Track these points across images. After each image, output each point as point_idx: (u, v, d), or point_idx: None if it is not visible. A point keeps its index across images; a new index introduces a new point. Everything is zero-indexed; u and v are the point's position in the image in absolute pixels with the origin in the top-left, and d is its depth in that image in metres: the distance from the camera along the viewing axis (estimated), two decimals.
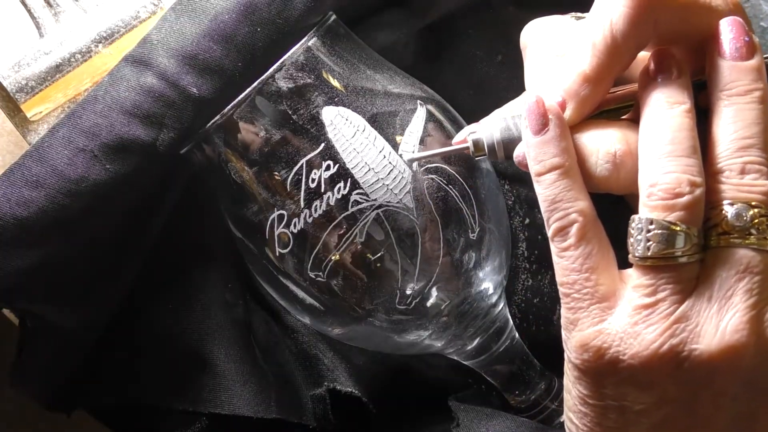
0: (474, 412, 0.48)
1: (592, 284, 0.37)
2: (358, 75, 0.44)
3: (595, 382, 0.37)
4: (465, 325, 0.45)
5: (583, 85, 0.38)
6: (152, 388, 0.48)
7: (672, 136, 0.36)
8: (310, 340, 0.51)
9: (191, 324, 0.49)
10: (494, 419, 0.47)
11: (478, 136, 0.40)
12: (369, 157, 0.41)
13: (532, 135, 0.38)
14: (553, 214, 0.37)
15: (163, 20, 0.44)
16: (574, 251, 0.37)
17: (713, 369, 0.35)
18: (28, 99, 0.51)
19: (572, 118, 0.39)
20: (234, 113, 0.41)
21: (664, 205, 0.35)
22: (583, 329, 0.37)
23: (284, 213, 0.42)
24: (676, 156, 0.35)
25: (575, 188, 0.37)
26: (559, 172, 0.38)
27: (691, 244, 0.35)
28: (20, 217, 0.42)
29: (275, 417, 0.48)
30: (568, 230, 0.37)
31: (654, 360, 0.35)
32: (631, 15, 0.36)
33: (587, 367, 0.37)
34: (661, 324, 0.35)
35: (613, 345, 0.36)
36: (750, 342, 0.34)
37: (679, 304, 0.35)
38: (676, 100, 0.37)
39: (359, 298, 0.43)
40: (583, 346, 0.36)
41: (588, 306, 0.37)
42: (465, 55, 0.53)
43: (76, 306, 0.46)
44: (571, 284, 0.37)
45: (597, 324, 0.36)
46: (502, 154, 0.40)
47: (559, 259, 0.37)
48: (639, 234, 0.35)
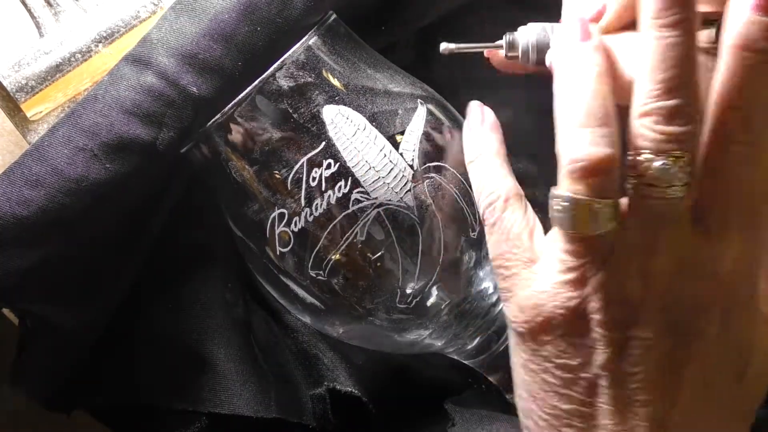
0: (470, 414, 0.48)
1: (519, 250, 0.39)
2: (359, 74, 0.44)
3: (534, 344, 0.39)
4: (465, 325, 0.45)
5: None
6: (152, 388, 0.48)
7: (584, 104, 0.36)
8: (310, 339, 0.51)
9: (191, 324, 0.49)
10: (490, 421, 0.47)
11: (514, 36, 0.42)
12: (370, 156, 0.41)
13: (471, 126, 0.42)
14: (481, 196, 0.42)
15: (163, 19, 0.44)
16: (500, 224, 0.40)
17: (637, 310, 0.37)
18: (28, 99, 0.51)
19: (611, 22, 0.40)
20: (234, 112, 0.42)
21: (579, 181, 0.36)
22: (518, 294, 0.39)
23: (285, 212, 0.42)
24: (589, 126, 0.36)
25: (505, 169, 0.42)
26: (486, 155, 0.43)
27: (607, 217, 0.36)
28: (20, 216, 0.41)
29: (275, 417, 0.48)
30: (495, 206, 0.41)
31: (585, 307, 0.37)
32: None
33: (525, 328, 0.39)
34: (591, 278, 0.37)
35: (547, 302, 0.38)
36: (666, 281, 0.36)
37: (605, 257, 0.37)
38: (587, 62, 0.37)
39: (360, 297, 0.43)
40: (520, 307, 0.39)
41: (519, 271, 0.39)
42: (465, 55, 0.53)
43: (76, 306, 0.46)
44: (502, 254, 0.40)
45: (530, 286, 0.38)
46: (534, 58, 0.41)
47: (489, 237, 0.41)
48: (558, 207, 0.37)
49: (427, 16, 0.52)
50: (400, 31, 0.52)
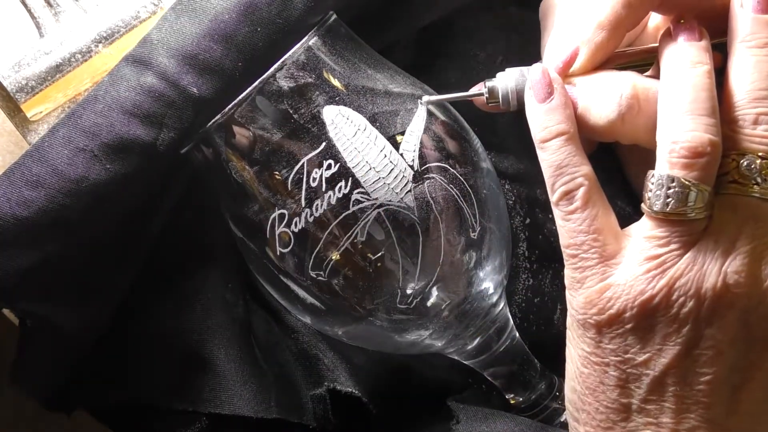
0: (474, 411, 0.48)
1: (600, 243, 0.39)
2: (359, 74, 0.44)
3: (599, 336, 0.39)
4: (465, 325, 0.45)
5: (597, 31, 0.40)
6: (152, 388, 0.48)
7: (694, 95, 0.37)
8: (310, 340, 0.51)
9: (191, 324, 0.49)
10: (494, 419, 0.47)
11: (493, 84, 0.43)
12: (370, 157, 0.41)
13: (537, 103, 0.40)
14: (558, 179, 0.39)
15: (163, 20, 0.44)
16: (580, 213, 0.39)
17: (714, 307, 0.37)
18: (28, 99, 0.51)
19: (584, 63, 0.41)
20: (235, 113, 0.41)
21: (685, 164, 0.37)
22: (592, 286, 0.39)
23: (285, 212, 0.42)
24: (698, 114, 0.37)
25: (579, 154, 0.40)
26: (564, 138, 0.39)
27: (703, 203, 0.37)
28: (20, 217, 0.41)
29: (275, 417, 0.48)
30: (575, 194, 0.39)
31: (662, 301, 0.37)
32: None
33: (595, 320, 0.38)
34: (672, 270, 0.37)
35: (623, 294, 0.38)
36: (748, 283, 0.36)
37: (688, 249, 0.37)
38: (698, 60, 0.38)
39: (360, 297, 0.43)
40: (591, 301, 0.38)
41: (596, 264, 0.39)
42: (465, 55, 0.53)
43: (76, 306, 0.46)
44: (579, 245, 0.39)
45: (605, 279, 0.38)
46: (515, 103, 0.43)
47: (565, 222, 0.39)
48: (658, 189, 0.37)
49: (427, 16, 0.52)
50: (400, 31, 0.52)
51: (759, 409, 0.38)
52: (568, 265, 0.40)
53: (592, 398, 0.40)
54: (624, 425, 0.39)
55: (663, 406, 0.38)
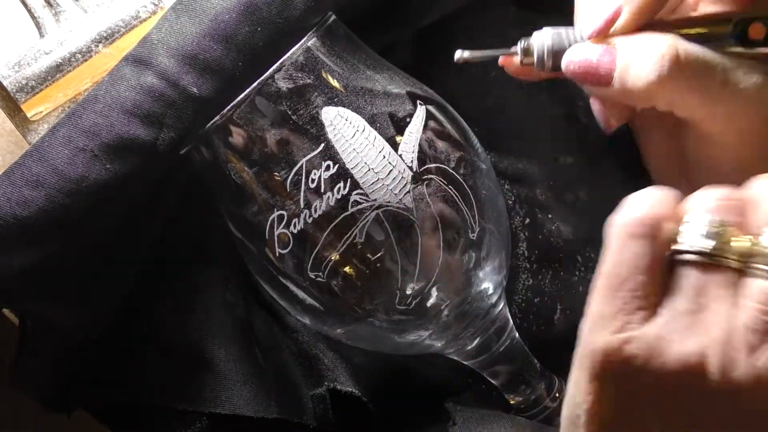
0: (471, 413, 0.48)
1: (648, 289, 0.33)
2: (358, 75, 0.44)
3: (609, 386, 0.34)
4: (465, 325, 0.45)
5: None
6: (152, 388, 0.48)
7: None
8: (310, 340, 0.51)
9: (191, 324, 0.49)
10: (491, 420, 0.47)
11: (529, 41, 0.41)
12: (369, 158, 0.41)
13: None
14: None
15: (164, 20, 0.44)
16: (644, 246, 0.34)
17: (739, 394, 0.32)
18: (28, 99, 0.51)
19: (626, 24, 0.39)
20: (234, 114, 0.41)
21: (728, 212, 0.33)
22: (617, 332, 0.33)
23: (284, 213, 0.42)
24: None
25: None
26: None
27: (741, 252, 0.32)
28: (20, 217, 0.42)
29: (275, 417, 0.48)
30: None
31: (684, 371, 0.32)
32: None
33: (606, 374, 0.34)
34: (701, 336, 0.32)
35: (644, 351, 0.33)
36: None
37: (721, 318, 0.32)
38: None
39: (359, 298, 0.43)
40: (609, 351, 0.33)
41: (633, 309, 0.33)
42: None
43: (77, 306, 0.46)
44: (623, 280, 0.33)
45: (634, 330, 0.33)
46: (550, 63, 0.41)
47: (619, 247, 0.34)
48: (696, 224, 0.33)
49: (427, 17, 0.51)
50: (400, 31, 0.52)
51: None
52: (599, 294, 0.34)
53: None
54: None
55: None
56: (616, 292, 0.33)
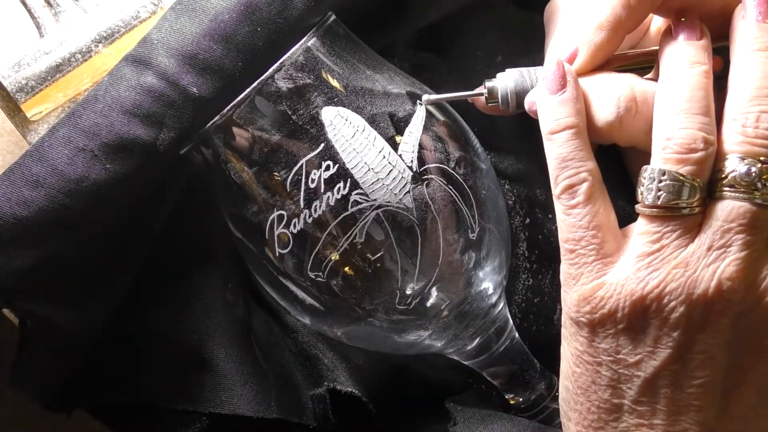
0: (471, 413, 0.48)
1: (598, 241, 0.38)
2: (358, 75, 0.44)
3: (593, 336, 0.39)
4: (465, 325, 0.45)
5: (596, 32, 0.40)
6: (152, 388, 0.48)
7: (690, 94, 0.37)
8: (310, 340, 0.51)
9: (191, 324, 0.49)
10: (492, 420, 0.47)
11: (493, 84, 0.43)
12: (369, 158, 0.41)
13: (549, 94, 0.40)
14: (563, 172, 0.39)
15: (163, 20, 0.44)
16: (582, 209, 0.39)
17: (707, 313, 0.36)
18: (28, 99, 0.51)
19: (583, 64, 0.41)
20: (234, 114, 0.41)
21: (678, 159, 0.37)
22: (586, 283, 0.38)
23: (284, 213, 0.42)
24: (693, 113, 0.37)
25: (585, 149, 0.39)
26: (572, 131, 0.39)
27: (696, 196, 0.37)
28: (20, 217, 0.42)
29: (275, 417, 0.48)
30: (578, 188, 0.39)
31: (653, 303, 0.37)
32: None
33: (588, 319, 0.38)
34: (663, 269, 0.37)
35: (615, 294, 0.38)
36: (741, 289, 0.36)
37: (681, 251, 0.37)
38: (696, 60, 0.38)
39: (359, 298, 0.43)
40: (585, 299, 0.38)
41: (592, 261, 0.38)
42: (465, 55, 0.53)
43: (77, 306, 0.46)
44: (577, 240, 0.39)
45: (600, 277, 0.38)
46: (515, 104, 0.43)
47: (566, 216, 0.39)
48: (650, 183, 0.37)
49: (427, 17, 0.51)
50: (400, 31, 0.52)
51: (751, 412, 0.38)
52: (564, 260, 0.40)
53: (584, 398, 0.40)
54: (615, 425, 0.39)
55: (655, 408, 0.38)
56: (574, 252, 0.39)
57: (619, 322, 0.38)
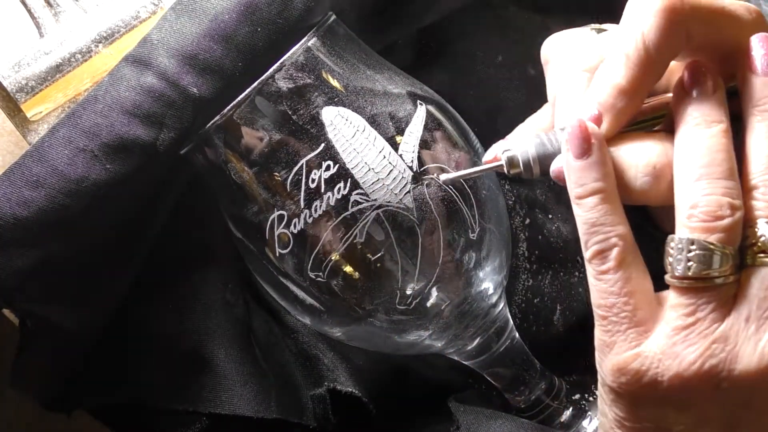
0: (474, 413, 0.48)
1: (630, 308, 0.37)
2: (358, 75, 0.44)
3: (633, 405, 0.37)
4: (465, 325, 0.45)
5: (619, 97, 0.38)
6: (152, 388, 0.48)
7: (711, 157, 0.36)
8: (310, 340, 0.51)
9: (191, 324, 0.49)
10: (495, 420, 0.47)
11: (512, 153, 0.40)
12: (369, 158, 0.41)
13: (573, 159, 0.38)
14: (592, 237, 0.37)
15: (163, 20, 0.44)
16: (613, 275, 0.37)
17: (752, 389, 0.35)
18: (28, 99, 0.51)
19: (609, 131, 0.38)
20: (234, 113, 0.41)
21: (705, 227, 0.35)
22: (620, 353, 0.37)
23: (284, 213, 0.42)
24: (715, 178, 0.35)
25: (616, 213, 0.37)
26: (600, 196, 0.37)
27: (728, 265, 0.35)
28: (20, 217, 0.42)
29: (275, 417, 0.48)
30: (608, 254, 0.37)
31: (693, 380, 0.35)
32: (662, 25, 0.36)
33: (625, 390, 0.37)
34: (700, 344, 0.35)
35: (651, 367, 0.36)
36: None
37: (718, 324, 0.35)
38: (713, 118, 0.37)
39: (359, 298, 0.43)
40: (620, 369, 0.36)
41: (626, 330, 0.37)
42: (465, 55, 0.53)
43: (77, 306, 0.46)
44: (609, 307, 0.37)
45: (634, 347, 0.36)
46: (538, 170, 0.40)
47: (597, 282, 0.37)
48: (679, 254, 0.35)
49: (427, 17, 0.52)
50: (400, 31, 0.52)
51: None
52: (598, 326, 0.38)
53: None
54: None
55: None
56: (606, 318, 0.37)
57: (660, 394, 0.36)
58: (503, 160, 0.40)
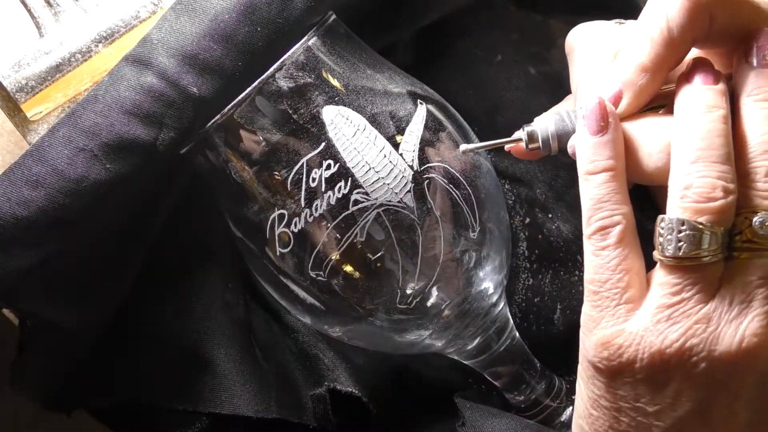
0: (479, 410, 0.48)
1: (623, 285, 0.37)
2: (359, 74, 0.44)
3: (611, 382, 0.38)
4: (465, 325, 0.45)
5: (641, 74, 0.39)
6: (152, 388, 0.48)
7: (709, 141, 0.36)
8: (310, 340, 0.51)
9: (191, 324, 0.49)
10: (500, 418, 0.47)
11: (532, 128, 0.42)
12: (369, 157, 0.41)
13: (589, 135, 0.39)
14: (597, 213, 0.38)
15: (163, 20, 0.44)
16: (612, 251, 0.38)
17: (730, 371, 0.35)
18: (28, 99, 0.51)
19: (629, 107, 0.40)
20: (234, 113, 0.42)
21: (697, 208, 0.36)
22: (606, 327, 0.37)
23: (285, 212, 0.42)
24: (711, 161, 0.36)
25: (622, 192, 0.38)
26: (611, 174, 0.38)
27: (717, 245, 0.36)
28: (20, 216, 0.41)
29: (275, 417, 0.48)
30: (610, 230, 0.38)
31: (673, 358, 0.36)
32: (687, 8, 0.37)
33: (605, 365, 0.37)
34: (683, 323, 0.36)
35: (633, 343, 0.36)
36: (766, 346, 0.35)
37: (702, 305, 0.36)
38: (714, 104, 0.37)
39: (360, 297, 0.43)
40: (604, 344, 0.37)
41: (615, 306, 0.37)
42: (465, 55, 0.53)
43: (76, 306, 0.46)
44: (603, 282, 0.38)
45: (620, 323, 0.37)
46: (556, 146, 0.41)
47: (594, 258, 0.38)
48: (669, 234, 0.36)
49: (427, 17, 0.52)
50: (400, 31, 0.52)
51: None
52: (587, 301, 0.38)
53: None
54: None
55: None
56: (598, 294, 0.38)
57: (638, 372, 0.37)
58: (523, 135, 0.42)
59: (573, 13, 0.54)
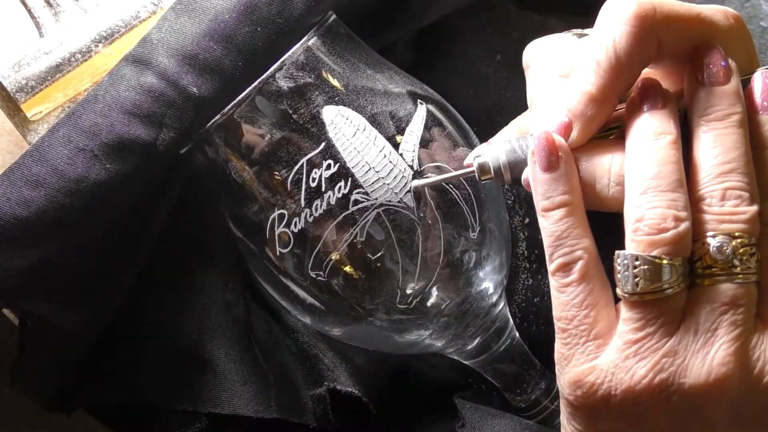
0: (480, 411, 0.48)
1: (590, 321, 0.37)
2: (359, 74, 0.44)
3: (589, 418, 0.37)
4: (465, 325, 0.45)
5: (589, 105, 0.38)
6: (152, 388, 0.48)
7: (657, 170, 0.35)
8: (310, 340, 0.51)
9: (191, 324, 0.49)
10: (499, 419, 0.47)
11: (483, 159, 0.40)
12: (369, 157, 0.42)
13: (540, 171, 0.38)
14: (557, 250, 0.37)
15: (163, 20, 0.44)
16: (575, 287, 0.37)
17: (702, 401, 0.35)
18: (28, 99, 0.51)
19: (578, 139, 0.38)
20: (234, 113, 0.42)
21: (650, 241, 0.35)
22: (577, 365, 0.37)
23: (285, 212, 0.42)
24: (661, 191, 0.35)
25: (581, 225, 0.37)
26: (567, 209, 0.37)
27: (677, 275, 0.35)
28: (20, 216, 0.42)
29: (275, 417, 0.48)
30: (572, 267, 0.37)
31: (644, 394, 0.35)
32: (633, 33, 0.36)
33: (580, 403, 0.37)
34: (650, 358, 0.35)
35: (606, 381, 0.36)
36: (735, 373, 0.34)
37: (667, 339, 0.35)
38: (661, 130, 0.36)
39: (360, 297, 0.43)
40: (576, 382, 0.37)
41: (584, 342, 0.37)
42: (465, 55, 0.53)
43: (76, 306, 0.46)
44: (570, 320, 0.37)
45: (591, 360, 0.36)
46: (509, 177, 0.40)
47: (560, 294, 0.37)
48: (626, 270, 0.35)
49: (427, 17, 0.52)
50: (400, 31, 0.52)
51: None
52: (558, 338, 0.38)
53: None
54: None
55: None
56: (567, 331, 0.37)
57: (613, 408, 0.36)
58: (474, 167, 0.40)
59: (573, 13, 0.54)
